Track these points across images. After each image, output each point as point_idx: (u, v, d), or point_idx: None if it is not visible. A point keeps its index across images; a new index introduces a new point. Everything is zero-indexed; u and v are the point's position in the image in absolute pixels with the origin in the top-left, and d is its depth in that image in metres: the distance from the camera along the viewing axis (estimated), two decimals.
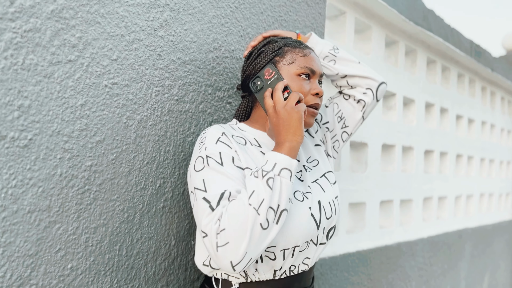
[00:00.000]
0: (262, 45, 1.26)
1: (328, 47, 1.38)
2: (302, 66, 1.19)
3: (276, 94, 1.14)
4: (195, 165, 1.11)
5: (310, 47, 1.26)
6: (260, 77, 1.20)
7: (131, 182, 1.24)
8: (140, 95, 1.25)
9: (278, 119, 1.11)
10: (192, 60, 1.39)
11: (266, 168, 1.03)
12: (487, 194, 3.87)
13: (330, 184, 1.29)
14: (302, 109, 1.11)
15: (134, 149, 1.24)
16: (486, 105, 3.83)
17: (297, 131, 1.09)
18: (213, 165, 1.07)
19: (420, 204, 2.82)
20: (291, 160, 1.05)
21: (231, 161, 1.10)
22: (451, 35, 2.88)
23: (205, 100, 1.44)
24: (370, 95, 1.40)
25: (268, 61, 1.22)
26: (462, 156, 3.41)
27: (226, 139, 1.14)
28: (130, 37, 1.22)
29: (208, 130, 1.17)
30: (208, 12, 1.43)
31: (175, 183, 1.35)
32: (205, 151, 1.11)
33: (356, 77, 1.39)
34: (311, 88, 1.21)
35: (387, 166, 2.58)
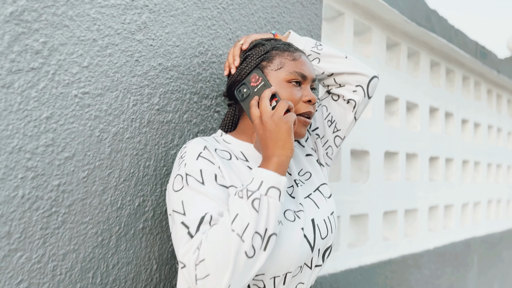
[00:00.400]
0: (249, 47, 1.14)
1: (310, 44, 1.25)
2: (292, 71, 1.07)
3: (263, 103, 1.02)
4: (173, 184, 0.99)
5: (301, 50, 1.14)
6: (246, 84, 1.08)
7: (106, 201, 1.12)
8: (116, 105, 1.13)
9: (265, 131, 0.99)
10: (175, 66, 1.27)
11: (252, 187, 0.91)
12: (495, 200, 3.73)
13: (324, 199, 1.17)
14: (291, 120, 0.99)
15: (109, 165, 1.12)
16: (492, 108, 3.70)
17: (286, 144, 0.97)
18: (193, 184, 0.96)
19: (425, 213, 2.68)
20: (279, 177, 0.93)
21: (214, 179, 0.98)
22: (455, 36, 2.76)
23: (190, 110, 1.32)
24: (361, 93, 1.27)
25: (254, 66, 1.10)
26: (469, 162, 3.28)
27: (208, 155, 1.02)
28: (103, 42, 1.11)
29: (188, 144, 1.05)
30: (193, 14, 1.32)
31: (157, 201, 1.23)
32: (185, 168, 0.99)
33: (344, 75, 1.26)
34: (302, 95, 1.09)
35: (390, 174, 2.45)
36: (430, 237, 2.73)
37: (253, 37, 1.17)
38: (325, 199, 1.18)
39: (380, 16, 2.21)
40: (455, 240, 2.99)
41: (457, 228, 3.08)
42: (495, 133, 3.76)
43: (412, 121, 2.65)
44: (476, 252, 3.26)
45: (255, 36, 1.18)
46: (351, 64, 1.26)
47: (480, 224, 3.44)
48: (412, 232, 2.60)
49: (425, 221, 2.68)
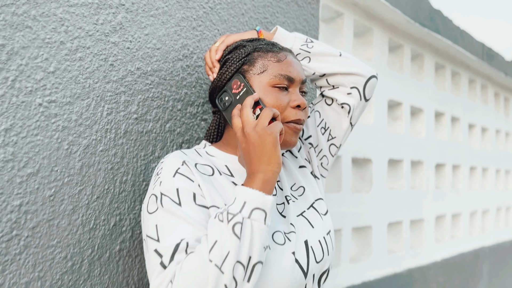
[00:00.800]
0: (228, 51, 1.02)
1: (299, 42, 1.12)
2: (277, 74, 0.96)
3: (244, 112, 0.90)
4: (148, 205, 0.88)
5: (286, 49, 1.03)
6: (227, 91, 0.97)
7: (76, 222, 1.00)
8: (87, 114, 1.02)
9: (248, 145, 0.87)
10: (156, 70, 1.16)
11: (233, 209, 0.80)
12: (504, 207, 3.59)
13: (320, 216, 1.05)
14: (276, 130, 0.87)
15: (80, 181, 1.01)
16: (500, 112, 3.57)
17: (272, 159, 0.86)
18: (169, 205, 0.84)
19: (432, 223, 2.55)
20: (265, 197, 0.82)
21: (192, 198, 0.87)
22: (461, 37, 2.64)
23: (174, 118, 1.20)
24: (356, 95, 1.14)
25: (235, 71, 0.98)
26: (476, 168, 3.15)
27: (186, 171, 0.90)
28: (72, 44, 0.99)
29: (165, 159, 0.94)
30: (175, 14, 1.21)
31: (135, 219, 1.11)
32: (160, 187, 0.88)
33: (337, 75, 1.13)
34: (290, 100, 0.97)
35: (394, 183, 2.32)
36: (438, 248, 2.60)
37: (232, 38, 1.06)
38: (321, 217, 1.06)
39: (381, 17, 2.09)
40: (463, 250, 2.85)
41: (466, 238, 2.95)
42: (503, 137, 3.62)
43: (417, 126, 2.53)
44: (485, 263, 3.12)
45: (235, 36, 1.06)
46: (346, 63, 1.14)
47: (489, 233, 3.30)
48: (418, 244, 2.47)
49: (431, 232, 2.55)
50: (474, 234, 3.08)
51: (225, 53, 1.02)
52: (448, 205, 2.75)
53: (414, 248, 2.42)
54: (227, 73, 0.99)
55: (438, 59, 2.66)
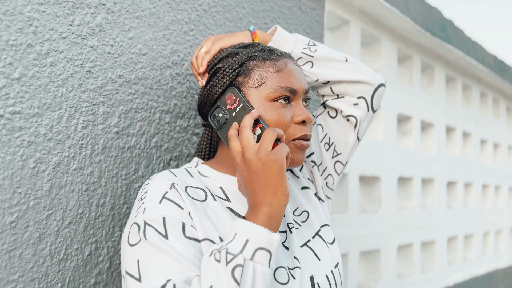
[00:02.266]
0: (218, 59, 0.89)
1: (300, 45, 0.98)
2: (277, 87, 0.82)
3: (244, 134, 0.77)
4: (129, 235, 0.75)
5: (286, 54, 0.89)
6: (221, 107, 0.83)
7: (43, 252, 0.86)
8: (59, 127, 0.89)
9: (250, 173, 0.74)
10: (141, 78, 1.03)
11: (233, 247, 0.67)
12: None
13: (326, 246, 0.92)
14: (282, 155, 0.74)
15: (49, 204, 0.87)
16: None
17: (279, 190, 0.73)
18: (153, 237, 0.71)
19: (444, 245, 2.40)
20: (270, 235, 0.69)
21: (181, 230, 0.74)
22: (472, 49, 2.51)
23: (161, 132, 1.07)
24: (363, 106, 1.01)
25: (228, 83, 0.85)
26: (489, 186, 3.00)
27: (175, 196, 0.77)
28: (42, 48, 0.87)
29: (151, 181, 0.81)
30: (164, 16, 1.08)
31: (114, 248, 0.98)
32: (143, 214, 0.74)
33: (343, 83, 1.00)
34: (294, 115, 0.84)
35: (404, 202, 2.18)
36: (450, 271, 2.44)
37: (221, 43, 0.91)
38: (327, 246, 0.92)
39: (390, 25, 1.97)
40: (476, 274, 2.68)
41: (479, 260, 2.78)
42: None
43: (428, 142, 2.39)
44: (499, 286, 2.94)
45: (224, 41, 0.92)
46: (353, 70, 1.00)
47: (503, 254, 3.13)
48: (429, 267, 2.31)
49: (443, 254, 2.39)
50: (487, 256, 2.92)
51: (214, 61, 0.89)
52: (460, 225, 2.59)
53: (425, 272, 2.27)
54: (218, 86, 0.86)
55: (449, 72, 2.53)
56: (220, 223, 0.80)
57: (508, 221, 3.26)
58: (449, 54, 2.36)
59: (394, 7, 1.82)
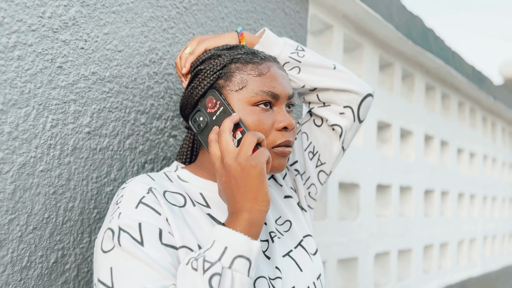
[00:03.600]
0: (200, 60, 0.85)
1: (288, 49, 0.95)
2: (258, 91, 0.79)
3: (223, 138, 0.73)
4: (102, 241, 0.71)
5: (270, 57, 0.86)
6: (201, 110, 0.80)
7: (5, 259, 0.80)
8: (25, 126, 0.83)
9: (229, 178, 0.71)
10: (116, 76, 0.98)
11: (211, 255, 0.64)
12: (491, 236, 3.47)
13: (309, 257, 0.89)
14: (262, 160, 0.71)
15: (12, 208, 0.81)
16: (487, 137, 3.47)
17: (259, 195, 0.70)
18: (128, 244, 0.67)
19: (420, 253, 2.40)
20: (250, 243, 0.66)
21: (157, 236, 0.70)
22: (452, 58, 2.52)
23: (135, 133, 1.02)
24: (349, 116, 0.98)
25: (208, 86, 0.81)
26: (464, 195, 3.02)
27: (152, 201, 0.74)
28: (9, 40, 0.81)
29: (127, 185, 0.76)
30: (143, 12, 1.03)
31: (83, 255, 0.92)
32: (118, 219, 0.71)
33: (329, 91, 0.97)
34: (275, 121, 0.81)
35: (382, 210, 2.17)
36: (425, 279, 2.44)
37: (205, 44, 0.87)
38: (310, 257, 0.89)
39: (372, 32, 1.96)
40: (451, 282, 2.70)
41: (453, 268, 2.80)
42: (491, 163, 3.52)
43: (406, 150, 2.39)
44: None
45: (209, 42, 0.88)
46: (340, 78, 0.97)
47: (476, 263, 3.16)
48: (406, 275, 2.30)
49: (419, 262, 2.39)
50: (461, 264, 2.94)
51: (197, 63, 0.85)
52: (436, 233, 2.60)
53: (401, 280, 2.26)
54: (199, 88, 0.82)
55: (429, 80, 2.54)
56: (199, 230, 0.76)
57: (481, 230, 3.29)
58: (430, 62, 2.37)
59: (378, 13, 1.81)
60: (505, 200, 3.86)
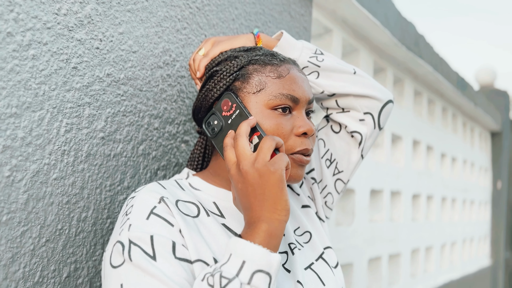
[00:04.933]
0: (216, 62, 0.81)
1: (307, 52, 0.91)
2: (277, 94, 0.75)
3: (239, 143, 0.69)
4: (111, 255, 0.66)
5: (290, 59, 0.82)
6: (216, 114, 0.75)
7: (16, 275, 0.74)
8: (39, 131, 0.77)
9: (246, 185, 0.67)
10: (130, 78, 0.93)
11: (228, 270, 0.60)
12: (469, 239, 3.55)
13: (330, 270, 0.86)
14: (281, 166, 0.67)
15: (24, 219, 0.75)
16: (467, 141, 3.54)
17: (278, 204, 0.66)
18: (139, 258, 0.63)
19: (408, 257, 2.41)
20: (270, 256, 0.62)
21: (171, 250, 0.66)
22: (440, 65, 2.56)
23: (149, 139, 0.97)
24: (370, 123, 0.95)
25: (224, 88, 0.77)
26: (447, 199, 3.07)
27: (164, 211, 0.69)
28: (24, 38, 0.75)
29: (137, 194, 0.72)
30: (157, 12, 0.99)
31: (95, 268, 0.86)
32: (129, 232, 0.66)
33: (349, 97, 0.94)
34: (294, 126, 0.77)
35: (374, 215, 2.17)
36: (412, 283, 2.46)
37: (221, 47, 0.83)
38: (331, 270, 0.86)
39: (369, 37, 1.95)
40: (435, 285, 2.73)
41: (437, 272, 2.84)
42: (469, 168, 3.60)
43: (396, 155, 2.40)
44: None
45: (224, 44, 0.84)
46: (361, 83, 0.94)
47: (456, 266, 3.22)
48: (395, 279, 2.31)
49: (407, 266, 2.41)
50: (443, 267, 2.99)
51: (212, 65, 0.81)
52: (423, 237, 2.63)
53: (391, 284, 2.27)
54: (214, 90, 0.78)
55: (417, 86, 2.57)
56: (214, 242, 0.72)
57: (461, 233, 3.36)
58: (419, 68, 2.39)
59: (376, 19, 1.80)
60: (481, 204, 3.96)
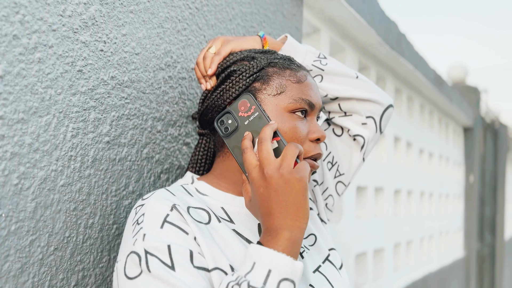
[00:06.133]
0: (230, 61, 0.80)
1: (311, 56, 0.92)
2: (297, 98, 0.76)
3: (264, 147, 0.69)
4: (125, 266, 0.64)
5: (304, 67, 0.83)
6: (231, 113, 0.75)
7: (26, 285, 0.72)
8: (46, 136, 0.75)
9: (269, 190, 0.67)
10: (134, 81, 0.91)
11: (255, 279, 0.61)
12: (445, 232, 3.65)
13: (337, 271, 0.87)
14: (306, 174, 0.67)
15: (32, 228, 0.73)
16: (442, 137, 3.64)
17: (301, 212, 0.66)
18: (158, 269, 0.62)
19: (391, 252, 2.47)
20: (294, 264, 0.63)
21: (189, 259, 0.65)
22: (419, 63, 2.61)
23: (152, 142, 0.96)
24: (372, 126, 0.97)
25: (243, 88, 0.77)
26: (425, 194, 3.15)
27: (177, 219, 0.69)
28: (30, 41, 0.72)
29: (147, 202, 0.71)
30: (159, 12, 0.97)
31: (102, 275, 0.85)
32: (144, 242, 0.65)
33: (352, 101, 0.95)
34: (309, 131, 0.78)
35: (359, 211, 2.20)
36: (395, 277, 2.52)
37: (231, 46, 0.83)
38: (338, 271, 0.87)
39: (354, 36, 1.98)
40: (415, 278, 2.80)
41: (416, 265, 2.91)
42: (445, 163, 3.69)
43: (379, 152, 2.44)
44: None
45: (234, 43, 0.83)
46: (363, 88, 0.96)
47: (434, 259, 3.31)
48: (379, 274, 2.36)
49: (391, 261, 2.46)
50: (422, 261, 3.06)
51: (226, 63, 0.81)
52: (404, 232, 2.69)
53: (376, 279, 2.31)
54: (233, 90, 0.78)
55: (397, 83, 2.61)
56: (228, 249, 0.72)
57: (438, 226, 3.45)
58: (400, 67, 2.44)
59: (363, 18, 1.82)
60: (455, 197, 4.07)
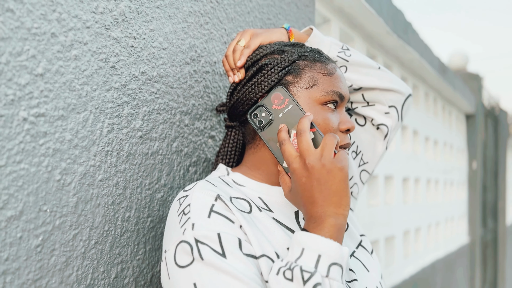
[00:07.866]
0: (261, 54, 0.81)
1: (335, 48, 0.94)
2: (329, 90, 0.78)
3: (304, 138, 0.71)
4: (175, 256, 0.66)
5: (332, 60, 0.85)
6: (265, 106, 0.76)
7: (70, 278, 0.74)
8: (84, 132, 0.76)
9: (311, 180, 0.68)
10: (162, 76, 0.92)
11: (306, 264, 0.63)
12: (450, 219, 3.68)
13: (370, 256, 0.89)
14: (346, 164, 0.70)
15: (75, 223, 0.74)
16: (446, 125, 3.66)
17: (343, 200, 0.68)
18: (210, 256, 0.64)
19: (401, 239, 2.49)
20: (341, 249, 0.65)
21: (238, 246, 0.67)
22: (425, 51, 2.62)
23: (181, 135, 0.97)
24: (394, 115, 1.00)
25: (276, 81, 0.78)
26: (431, 181, 3.18)
27: (223, 208, 0.71)
28: (66, 38, 0.73)
29: (191, 193, 0.72)
30: (183, 7, 0.98)
31: (139, 267, 0.86)
32: (193, 231, 0.66)
33: (375, 91, 0.98)
34: (340, 122, 0.80)
35: (371, 199, 2.22)
36: (406, 264, 2.55)
37: (260, 39, 0.84)
38: (371, 256, 0.89)
39: (362, 26, 1.98)
40: (424, 264, 2.83)
41: (425, 251, 2.94)
42: (449, 150, 3.72)
43: None
44: (438, 275, 3.14)
45: (262, 36, 0.84)
46: (385, 78, 0.99)
47: (441, 245, 3.34)
48: (391, 262, 2.39)
49: (401, 248, 2.49)
50: (430, 247, 3.09)
51: (256, 57, 0.82)
52: (412, 219, 2.72)
53: (387, 266, 2.34)
54: (265, 83, 0.79)
55: (403, 72, 2.63)
56: (272, 236, 0.74)
57: (444, 213, 3.48)
58: (405, 56, 2.45)
59: (371, 7, 1.83)
60: (459, 184, 4.10)
